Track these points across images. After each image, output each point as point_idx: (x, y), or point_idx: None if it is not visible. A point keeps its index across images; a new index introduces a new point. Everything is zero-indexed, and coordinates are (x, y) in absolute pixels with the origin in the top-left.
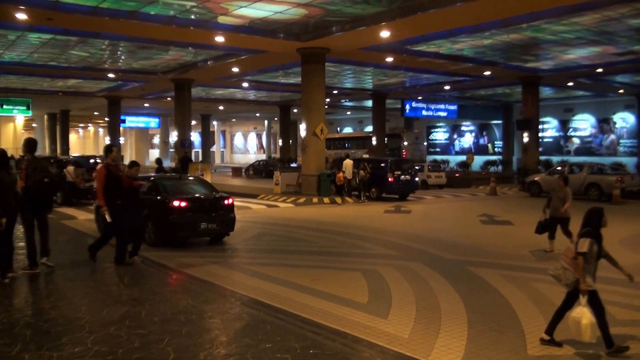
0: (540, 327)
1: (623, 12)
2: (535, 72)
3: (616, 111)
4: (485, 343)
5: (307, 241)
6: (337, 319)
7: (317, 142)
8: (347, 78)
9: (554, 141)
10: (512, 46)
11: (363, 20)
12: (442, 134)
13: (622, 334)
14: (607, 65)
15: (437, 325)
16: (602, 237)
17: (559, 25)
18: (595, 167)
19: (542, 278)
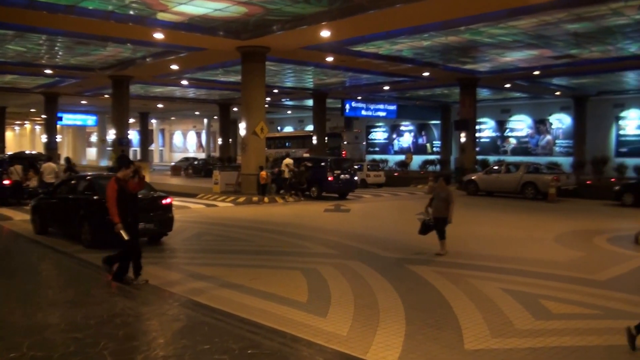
0: (476, 322)
1: (560, 17)
2: (472, 74)
3: (552, 112)
4: (422, 339)
5: (246, 240)
6: (276, 318)
7: (257, 141)
8: (288, 77)
9: (491, 141)
10: (451, 48)
11: (303, 19)
12: (381, 134)
13: (558, 328)
14: (543, 68)
15: (375, 323)
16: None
17: (497, 29)
18: (532, 166)
19: (477, 274)
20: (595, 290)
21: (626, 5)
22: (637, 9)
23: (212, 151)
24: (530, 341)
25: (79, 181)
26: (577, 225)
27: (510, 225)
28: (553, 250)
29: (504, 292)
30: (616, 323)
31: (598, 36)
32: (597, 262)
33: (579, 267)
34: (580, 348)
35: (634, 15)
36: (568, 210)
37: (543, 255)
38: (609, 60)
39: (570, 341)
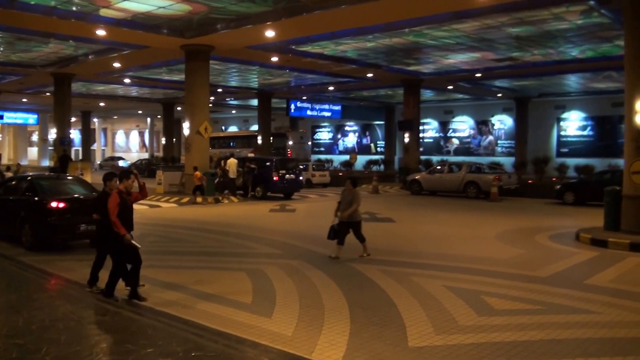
0: (420, 319)
1: (502, 21)
2: (416, 75)
3: (494, 113)
4: (367, 337)
5: (190, 242)
6: (221, 320)
7: (201, 140)
8: (233, 76)
9: (434, 141)
10: (395, 50)
11: (248, 19)
12: (326, 134)
13: (501, 323)
14: (486, 70)
15: (320, 322)
16: None
17: (440, 31)
18: (474, 166)
19: (421, 272)
20: (536, 286)
21: (567, 10)
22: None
23: (156, 151)
24: (473, 337)
25: (20, 182)
26: (519, 224)
27: (454, 223)
28: (495, 248)
29: (447, 290)
30: (557, 318)
31: (540, 40)
32: (539, 259)
33: (521, 264)
34: (523, 343)
35: (575, 20)
36: (510, 208)
37: (486, 252)
38: (550, 64)
39: (512, 336)
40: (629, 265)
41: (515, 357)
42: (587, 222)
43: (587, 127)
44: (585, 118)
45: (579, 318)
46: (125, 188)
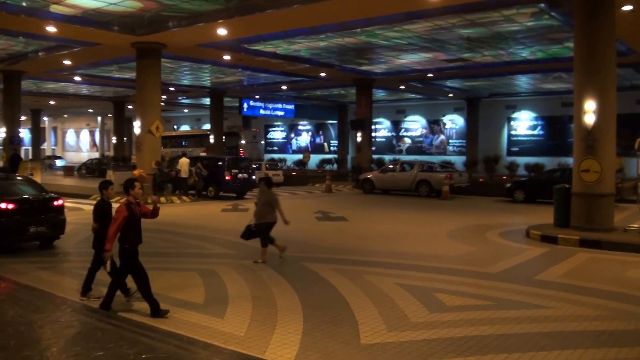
0: (372, 317)
1: (453, 22)
2: (369, 75)
3: (446, 113)
4: (320, 336)
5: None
6: (172, 321)
7: (152, 140)
8: (184, 75)
9: (386, 140)
10: (347, 49)
11: (200, 16)
12: (279, 133)
13: (452, 319)
14: (437, 71)
15: (273, 322)
16: None
17: (392, 32)
18: (426, 165)
19: (374, 270)
20: (487, 282)
21: (518, 12)
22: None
23: (107, 150)
24: (425, 333)
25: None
26: (470, 221)
27: (406, 222)
28: (447, 245)
29: (399, 287)
30: (508, 313)
31: (490, 41)
32: (490, 255)
33: (471, 261)
34: (474, 338)
35: (526, 22)
36: (461, 206)
37: (437, 250)
38: (500, 64)
39: (463, 332)
40: (578, 261)
41: (466, 352)
42: (537, 219)
43: (537, 126)
44: (536, 118)
45: (529, 313)
46: (135, 195)
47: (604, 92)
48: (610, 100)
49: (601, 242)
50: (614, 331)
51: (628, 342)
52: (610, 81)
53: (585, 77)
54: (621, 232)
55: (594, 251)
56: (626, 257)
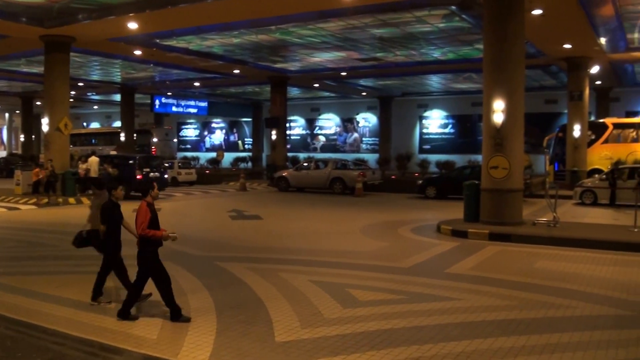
0: (286, 314)
1: (366, 22)
2: (283, 73)
3: (359, 111)
4: (234, 335)
5: (52, 245)
6: (83, 327)
7: (60, 137)
8: (94, 70)
9: (301, 138)
10: (261, 46)
11: (111, 9)
12: (192, 131)
13: (365, 314)
14: (351, 69)
15: (186, 323)
16: None
17: (306, 30)
18: (339, 162)
19: (288, 268)
20: (399, 277)
21: (429, 14)
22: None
23: (14, 149)
24: (339, 329)
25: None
26: (383, 218)
27: (320, 219)
28: (360, 242)
29: (313, 284)
30: (420, 306)
31: (403, 41)
32: (402, 250)
33: (384, 256)
34: (386, 331)
35: (437, 23)
36: (374, 203)
37: (351, 246)
38: (412, 64)
39: (376, 326)
40: (488, 254)
41: (379, 345)
42: (448, 214)
43: (448, 125)
44: (447, 116)
45: (440, 305)
46: (155, 196)
47: (512, 92)
48: (519, 100)
49: (510, 235)
50: (522, 320)
51: (536, 330)
52: (518, 82)
53: (495, 78)
54: (530, 226)
55: (503, 244)
56: (534, 249)
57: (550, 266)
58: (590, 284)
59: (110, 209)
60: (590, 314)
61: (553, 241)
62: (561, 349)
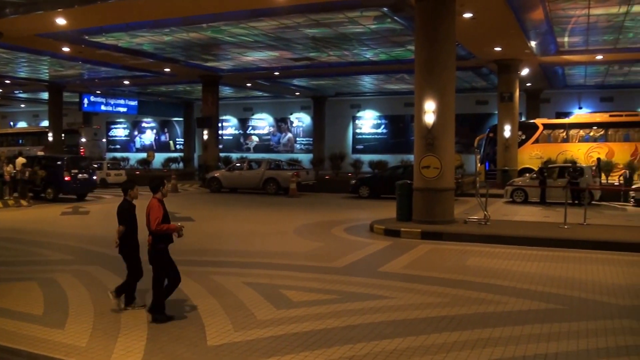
0: (219, 317)
1: (299, 22)
2: (215, 72)
3: (293, 111)
4: (166, 340)
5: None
6: (9, 336)
7: None
8: (21, 66)
9: (233, 138)
10: (193, 45)
11: (38, 4)
12: (122, 131)
13: (299, 315)
14: (284, 69)
15: (116, 329)
16: None
17: (238, 28)
18: (273, 163)
19: (221, 270)
20: (333, 276)
21: (362, 15)
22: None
23: None
24: (272, 330)
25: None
26: (316, 218)
27: (254, 220)
28: (294, 242)
29: (246, 286)
30: (353, 305)
31: (335, 41)
32: (335, 250)
33: (318, 257)
34: (320, 331)
35: (370, 24)
36: (308, 204)
37: (284, 247)
38: (345, 64)
39: (310, 326)
40: (420, 252)
41: (313, 345)
42: (381, 214)
43: (381, 125)
44: (379, 117)
45: (373, 304)
46: (167, 191)
47: (443, 93)
48: (449, 101)
49: (442, 233)
50: (454, 316)
51: (468, 326)
52: (449, 83)
53: (426, 79)
54: (461, 224)
55: (436, 242)
56: (466, 247)
57: (481, 263)
58: (521, 279)
59: (128, 210)
60: (521, 309)
61: (484, 239)
62: (492, 343)
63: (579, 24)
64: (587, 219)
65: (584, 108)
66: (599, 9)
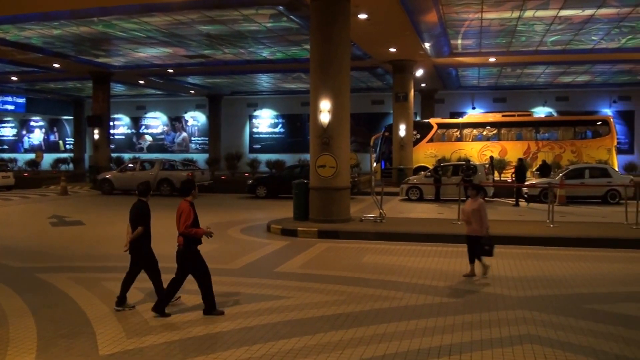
0: (111, 325)
1: (193, 18)
2: (106, 68)
3: (188, 110)
4: (56, 352)
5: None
6: None
7: None
8: None
9: (126, 138)
10: (83, 39)
11: None
12: (9, 130)
13: (193, 319)
14: (177, 66)
15: (4, 343)
16: None
17: (130, 23)
18: (167, 163)
19: (112, 276)
20: (229, 278)
21: (257, 13)
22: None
23: None
24: (166, 336)
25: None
26: (212, 219)
27: None
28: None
29: (138, 291)
30: (249, 307)
31: (231, 39)
32: (231, 252)
33: (214, 258)
34: (215, 335)
35: (265, 22)
36: (204, 205)
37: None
38: (241, 63)
39: (204, 330)
40: (317, 251)
41: (208, 350)
42: (278, 214)
43: (278, 124)
44: (277, 116)
45: (270, 304)
46: (193, 198)
47: (338, 92)
48: (345, 100)
49: (338, 232)
50: (350, 313)
51: (364, 322)
52: (344, 83)
53: (321, 79)
54: (357, 222)
55: (332, 241)
56: (362, 245)
57: (377, 260)
58: (416, 275)
59: (146, 211)
60: (416, 303)
61: (380, 236)
62: (388, 338)
63: (473, 27)
64: None
65: (477, 108)
66: (492, 13)
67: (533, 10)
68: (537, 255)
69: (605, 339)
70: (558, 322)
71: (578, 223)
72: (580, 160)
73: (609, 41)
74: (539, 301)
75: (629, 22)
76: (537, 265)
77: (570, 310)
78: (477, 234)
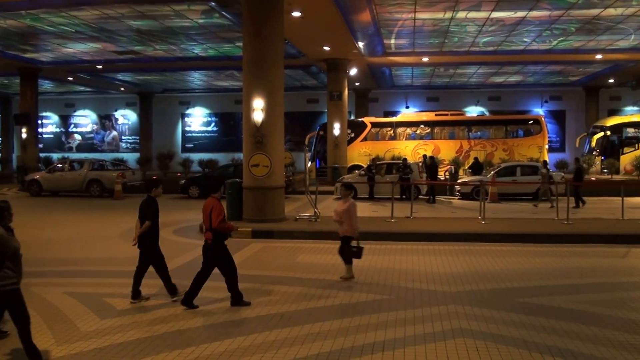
0: (40, 332)
1: (123, 12)
2: (34, 64)
3: (118, 108)
4: None
5: None
6: None
7: None
8: None
9: (55, 137)
10: (10, 33)
11: None
12: None
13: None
14: (107, 63)
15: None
16: None
17: (59, 17)
18: (97, 163)
19: (41, 281)
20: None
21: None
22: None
23: None
24: (97, 342)
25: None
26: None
27: (76, 225)
28: (119, 248)
29: (68, 297)
30: (181, 309)
31: (162, 35)
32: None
33: None
34: (147, 339)
35: (197, 19)
36: (135, 206)
37: (109, 253)
38: (173, 59)
39: (136, 334)
40: (251, 251)
41: (140, 354)
42: None
43: (211, 123)
44: (210, 114)
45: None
46: (220, 195)
47: (271, 91)
48: (278, 98)
49: (273, 231)
50: (284, 313)
51: (298, 321)
52: (277, 81)
53: (254, 77)
54: (292, 221)
55: (267, 241)
56: (296, 244)
57: (311, 259)
58: None
59: (155, 206)
60: (350, 301)
61: (314, 235)
62: (322, 337)
63: (406, 27)
64: (414, 212)
65: (411, 107)
66: (425, 13)
67: (465, 11)
68: (469, 251)
69: (537, 330)
70: (490, 316)
71: (509, 219)
72: (512, 159)
73: (541, 43)
74: (471, 296)
75: (561, 25)
76: (469, 261)
77: (502, 304)
78: (349, 234)
